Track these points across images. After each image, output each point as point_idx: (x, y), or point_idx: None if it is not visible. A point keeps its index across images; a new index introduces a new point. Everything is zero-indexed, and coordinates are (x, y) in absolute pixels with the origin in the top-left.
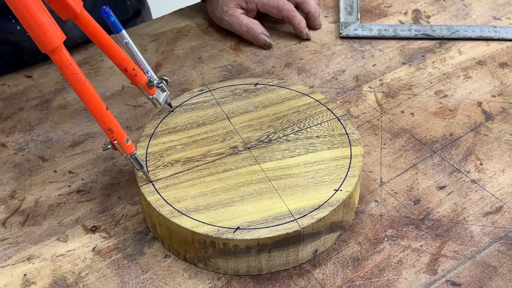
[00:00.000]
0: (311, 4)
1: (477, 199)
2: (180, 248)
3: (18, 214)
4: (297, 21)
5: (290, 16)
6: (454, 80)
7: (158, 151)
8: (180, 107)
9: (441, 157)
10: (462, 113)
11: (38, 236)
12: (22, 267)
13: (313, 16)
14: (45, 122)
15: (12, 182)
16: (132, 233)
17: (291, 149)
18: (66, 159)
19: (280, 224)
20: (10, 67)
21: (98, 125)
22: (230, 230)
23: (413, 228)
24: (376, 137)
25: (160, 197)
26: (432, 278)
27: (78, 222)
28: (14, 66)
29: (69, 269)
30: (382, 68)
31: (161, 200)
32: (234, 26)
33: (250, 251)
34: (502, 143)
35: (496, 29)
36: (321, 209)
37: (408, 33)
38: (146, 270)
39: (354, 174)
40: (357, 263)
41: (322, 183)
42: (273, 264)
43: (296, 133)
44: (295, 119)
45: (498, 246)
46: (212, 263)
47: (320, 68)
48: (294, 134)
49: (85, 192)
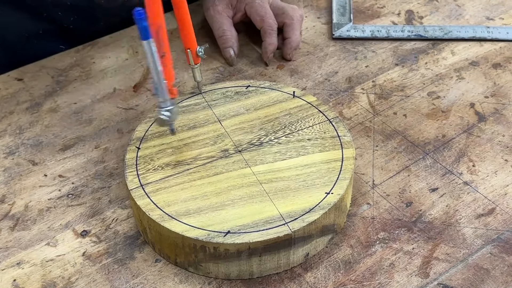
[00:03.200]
0: (295, 32)
1: (469, 201)
2: (171, 252)
3: (7, 218)
4: (268, 41)
5: (267, 32)
6: (447, 81)
7: (148, 154)
8: None
9: (434, 159)
10: (455, 115)
11: (27, 241)
12: (12, 272)
13: (290, 45)
14: (36, 126)
15: (2, 186)
16: (122, 237)
17: (283, 152)
18: (56, 162)
19: (270, 228)
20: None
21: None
22: (221, 234)
23: (405, 231)
24: (368, 139)
25: (150, 201)
26: (424, 281)
27: (68, 227)
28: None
29: (59, 274)
30: (375, 69)
31: (151, 204)
32: (213, 24)
33: (241, 255)
34: (495, 145)
35: (489, 30)
36: (312, 212)
37: (401, 34)
38: (137, 274)
39: (346, 177)
40: (348, 266)
41: (313, 186)
42: (264, 268)
43: (288, 135)
44: (287, 122)
45: (491, 249)
46: (203, 267)
47: (313, 69)
48: (286, 137)
49: (76, 196)
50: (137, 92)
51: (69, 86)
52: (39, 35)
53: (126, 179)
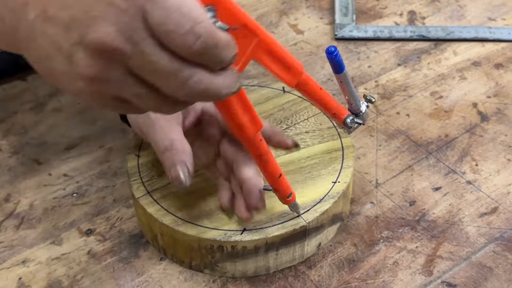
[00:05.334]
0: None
1: (472, 200)
2: (186, 256)
3: (13, 217)
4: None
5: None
6: (449, 81)
7: (150, 161)
8: None
9: (437, 158)
10: (457, 114)
11: (33, 240)
12: (17, 270)
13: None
14: (40, 125)
15: (7, 185)
16: (127, 236)
17: None
18: (61, 162)
19: (285, 221)
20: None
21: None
22: (237, 232)
23: (408, 229)
24: (371, 139)
25: (161, 207)
26: (428, 279)
27: (73, 225)
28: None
29: (64, 273)
30: (378, 69)
31: (162, 210)
32: (153, 136)
33: (258, 251)
34: (497, 144)
35: (491, 30)
36: (323, 202)
37: (404, 34)
38: (142, 273)
39: (349, 165)
40: (352, 264)
41: (319, 177)
42: (280, 262)
43: (285, 130)
44: (282, 117)
45: (494, 247)
46: (219, 268)
47: (316, 69)
48: (284, 132)
49: (80, 195)
50: None
51: None
52: None
53: (132, 188)
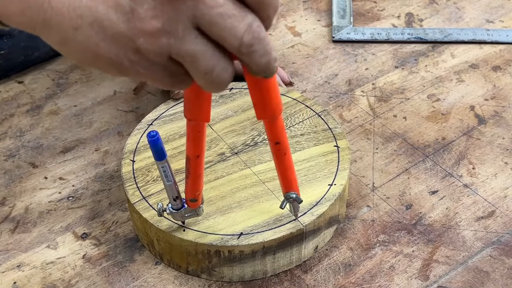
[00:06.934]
0: None
1: (469, 203)
2: (182, 261)
3: (8, 221)
4: None
5: None
6: (446, 84)
7: (144, 166)
8: (159, 119)
9: (434, 161)
10: (455, 117)
11: (28, 243)
12: (12, 274)
13: None
14: (36, 128)
15: (2, 189)
16: (122, 240)
17: None
18: (57, 165)
19: (282, 225)
20: None
21: None
22: (234, 237)
23: (405, 233)
24: (368, 142)
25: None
26: (424, 283)
27: (68, 229)
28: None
29: (59, 277)
30: (375, 72)
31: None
32: None
33: (255, 255)
34: (495, 147)
35: (489, 32)
36: (319, 205)
37: (401, 36)
38: (137, 277)
39: (345, 167)
40: (348, 269)
41: (315, 180)
42: (278, 266)
43: None
44: None
45: (491, 251)
46: (216, 272)
47: (313, 72)
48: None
49: (76, 198)
50: (137, 94)
51: (69, 89)
52: None
53: (127, 193)
